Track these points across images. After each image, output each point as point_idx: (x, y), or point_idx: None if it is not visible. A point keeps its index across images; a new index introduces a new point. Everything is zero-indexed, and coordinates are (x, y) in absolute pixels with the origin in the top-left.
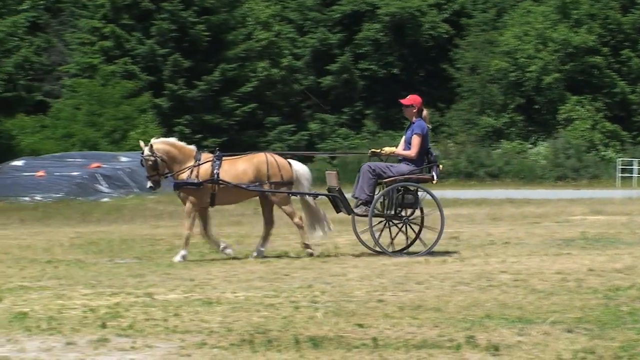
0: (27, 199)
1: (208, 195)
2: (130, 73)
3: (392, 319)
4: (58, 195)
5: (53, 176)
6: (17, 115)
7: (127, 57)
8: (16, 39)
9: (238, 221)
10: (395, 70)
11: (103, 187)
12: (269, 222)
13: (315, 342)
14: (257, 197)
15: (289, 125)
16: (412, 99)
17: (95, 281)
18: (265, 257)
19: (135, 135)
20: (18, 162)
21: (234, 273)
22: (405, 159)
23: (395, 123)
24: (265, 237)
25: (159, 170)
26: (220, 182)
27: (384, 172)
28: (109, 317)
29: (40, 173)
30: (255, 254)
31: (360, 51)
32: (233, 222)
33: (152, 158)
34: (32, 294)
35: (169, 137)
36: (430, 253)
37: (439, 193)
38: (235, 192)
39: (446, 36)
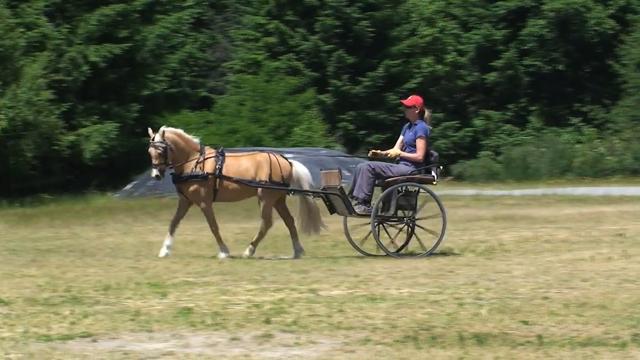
0: None
1: (211, 190)
2: (294, 69)
3: (557, 316)
4: None
5: None
6: (181, 111)
7: (291, 53)
8: (181, 35)
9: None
10: (560, 67)
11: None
12: (288, 218)
13: (480, 339)
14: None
15: (453, 122)
16: (414, 100)
17: (260, 277)
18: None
19: (299, 132)
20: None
21: (398, 269)
22: (403, 160)
23: (559, 119)
24: (293, 234)
25: (167, 160)
26: (224, 177)
27: (384, 172)
28: (273, 313)
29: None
30: (296, 255)
31: (525, 47)
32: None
33: (163, 145)
34: (197, 290)
35: (335, 133)
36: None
37: (618, 190)
38: (236, 189)
39: (612, 32)
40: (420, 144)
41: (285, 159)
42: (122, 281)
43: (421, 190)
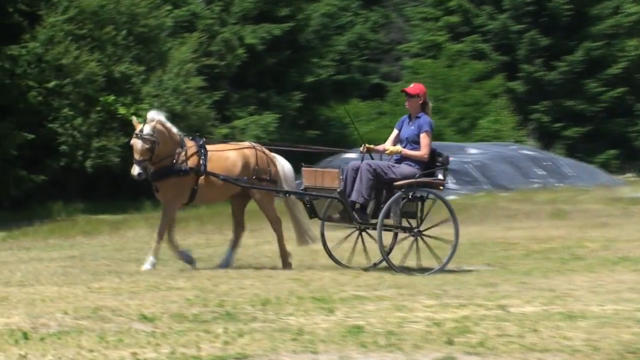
0: None
1: (188, 190)
2: (480, 52)
3: None
4: None
5: None
6: (350, 101)
7: (476, 34)
8: (349, 14)
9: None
10: None
11: (449, 183)
12: (241, 226)
13: None
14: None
15: None
16: (418, 89)
17: (441, 291)
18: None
19: (486, 124)
20: (352, 154)
21: (600, 283)
22: (406, 159)
23: None
24: (235, 245)
25: (152, 155)
26: (210, 173)
27: (385, 174)
28: (456, 332)
29: None
30: (220, 264)
31: None
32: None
33: (153, 139)
34: (368, 305)
35: (527, 126)
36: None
37: None
38: (219, 189)
39: None
40: (426, 140)
41: (269, 152)
42: (283, 295)
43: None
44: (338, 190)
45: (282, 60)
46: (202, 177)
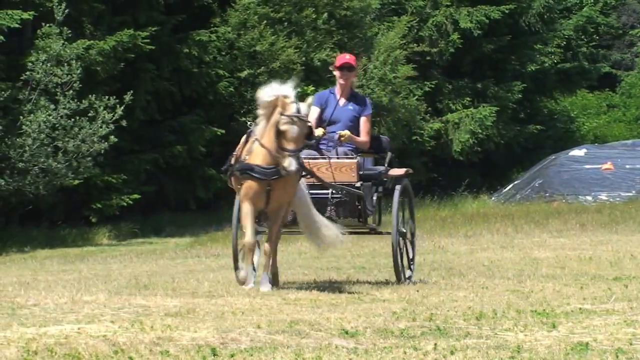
0: (589, 198)
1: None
2: None
3: None
4: (629, 194)
5: (623, 170)
6: (577, 92)
7: None
8: None
9: None
10: None
11: None
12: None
13: None
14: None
15: None
16: (354, 59)
17: None
18: None
19: None
20: (578, 152)
21: None
22: (348, 145)
23: None
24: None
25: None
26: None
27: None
28: None
29: (607, 166)
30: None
31: None
32: None
33: (309, 122)
34: (595, 320)
35: None
36: None
37: None
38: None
39: None
40: (368, 125)
41: None
42: (500, 308)
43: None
44: (355, 185)
45: (501, 46)
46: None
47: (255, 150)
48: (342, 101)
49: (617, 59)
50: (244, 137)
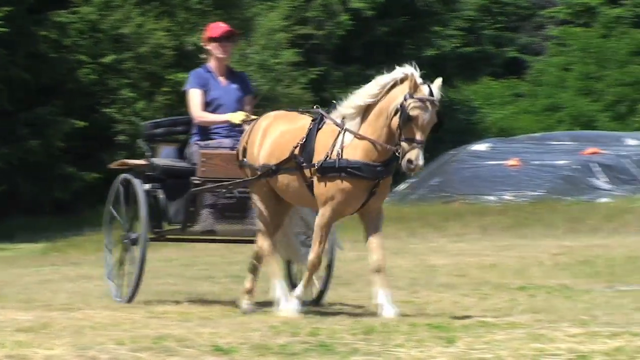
0: (492, 198)
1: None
2: None
3: None
4: (536, 194)
5: (530, 166)
6: (480, 79)
7: None
8: None
9: None
10: None
11: (601, 182)
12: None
13: None
14: None
15: None
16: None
17: (588, 316)
18: None
19: None
20: (481, 146)
21: None
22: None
23: None
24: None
25: None
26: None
27: None
28: None
29: (513, 162)
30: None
31: None
32: None
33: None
34: (498, 334)
35: None
36: None
37: None
38: None
39: None
40: (252, 104)
41: None
42: (391, 322)
43: None
44: None
45: (395, 29)
46: None
47: (351, 144)
48: (222, 80)
49: (525, 43)
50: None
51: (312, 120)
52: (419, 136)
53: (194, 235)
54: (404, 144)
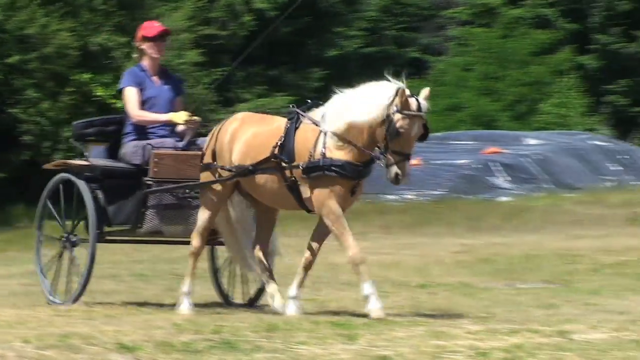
0: (393, 197)
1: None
2: (544, 19)
3: None
4: (437, 193)
5: (431, 165)
6: (383, 79)
7: None
8: None
9: None
10: None
11: (501, 181)
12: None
13: None
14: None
15: None
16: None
17: (488, 314)
18: None
19: (547, 108)
20: None
21: None
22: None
23: None
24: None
25: None
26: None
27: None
28: None
29: (414, 161)
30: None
31: None
32: None
33: None
34: (398, 331)
35: (599, 110)
36: None
37: None
38: None
39: None
40: (181, 106)
41: None
42: (293, 319)
43: None
44: None
45: (298, 29)
46: None
47: (332, 145)
48: (156, 79)
49: (427, 43)
50: (220, 126)
51: (289, 120)
52: (406, 149)
53: (140, 237)
54: (391, 157)
